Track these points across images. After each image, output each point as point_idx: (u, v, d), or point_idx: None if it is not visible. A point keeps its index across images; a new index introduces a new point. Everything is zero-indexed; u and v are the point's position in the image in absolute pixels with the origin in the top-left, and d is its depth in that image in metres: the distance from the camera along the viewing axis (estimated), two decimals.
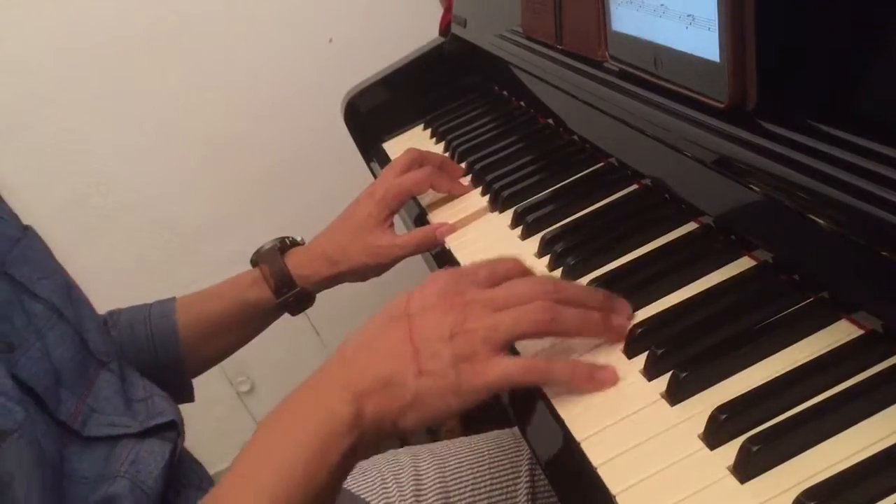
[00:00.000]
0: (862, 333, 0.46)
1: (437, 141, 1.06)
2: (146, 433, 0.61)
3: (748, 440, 0.41)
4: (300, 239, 0.88)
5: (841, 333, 0.47)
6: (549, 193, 0.77)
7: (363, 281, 0.85)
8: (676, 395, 0.47)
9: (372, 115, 1.17)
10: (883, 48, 0.44)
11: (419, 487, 0.78)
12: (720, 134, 0.53)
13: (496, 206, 0.80)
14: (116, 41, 1.48)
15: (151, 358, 0.79)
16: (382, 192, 0.82)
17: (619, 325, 0.54)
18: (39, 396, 0.54)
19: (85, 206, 1.56)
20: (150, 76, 1.52)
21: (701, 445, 0.44)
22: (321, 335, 1.74)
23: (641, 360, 0.51)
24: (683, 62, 0.57)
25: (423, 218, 0.87)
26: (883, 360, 0.44)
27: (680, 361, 0.49)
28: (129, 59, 1.50)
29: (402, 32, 1.34)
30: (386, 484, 0.79)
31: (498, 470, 0.80)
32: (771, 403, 0.44)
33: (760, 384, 0.45)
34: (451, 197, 0.87)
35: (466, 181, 0.88)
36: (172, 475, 0.61)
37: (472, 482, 0.79)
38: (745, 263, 0.56)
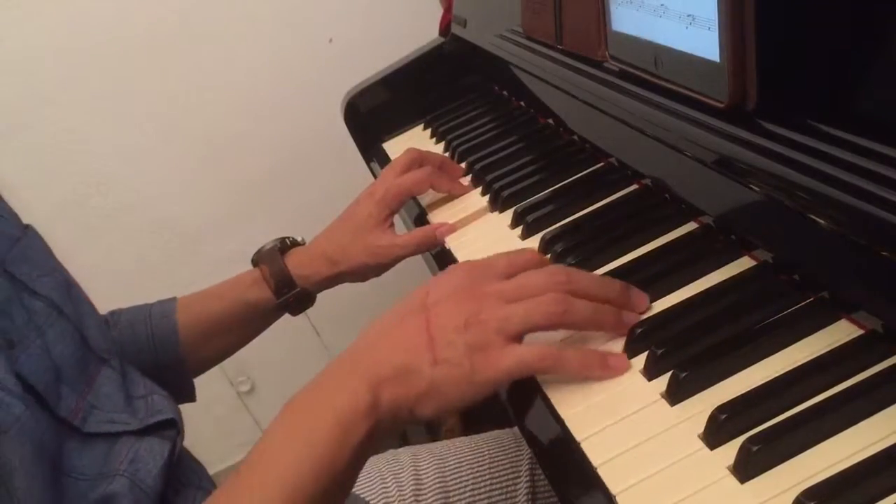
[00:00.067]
0: (862, 333, 0.46)
1: (437, 141, 1.06)
2: (146, 431, 0.61)
3: (748, 440, 0.41)
4: (300, 239, 0.88)
5: (841, 333, 0.47)
6: (549, 193, 0.77)
7: (363, 281, 0.85)
8: (676, 395, 0.47)
9: (372, 115, 1.17)
10: (883, 48, 0.44)
11: (419, 487, 0.78)
12: (720, 134, 0.53)
13: (496, 206, 0.80)
14: (116, 41, 1.48)
15: (152, 358, 0.79)
16: (382, 192, 0.82)
17: (631, 320, 0.54)
18: (40, 393, 0.54)
19: (85, 206, 1.56)
20: (150, 76, 1.52)
21: (701, 445, 0.44)
22: (321, 336, 1.74)
23: (641, 360, 0.51)
24: (683, 62, 0.57)
25: (423, 218, 0.87)
26: (883, 360, 0.44)
27: (680, 361, 0.49)
28: (129, 59, 1.50)
29: (402, 32, 1.34)
30: (385, 483, 0.79)
31: (498, 470, 0.80)
32: (771, 403, 0.44)
33: (760, 384, 0.45)
34: (451, 197, 0.87)
35: (466, 181, 0.88)
36: (172, 474, 0.61)
37: (471, 482, 0.79)
38: (745, 263, 0.56)
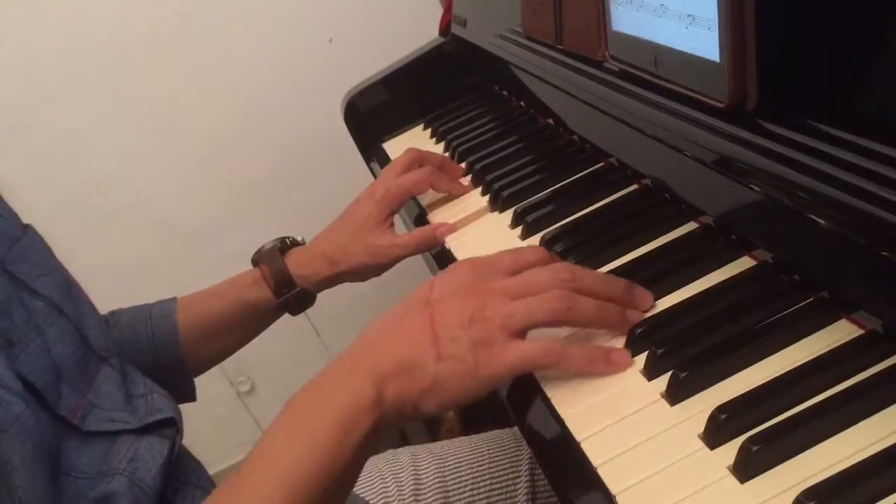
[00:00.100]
0: (862, 333, 0.46)
1: (437, 141, 1.06)
2: (145, 430, 0.61)
3: (748, 440, 0.41)
4: (301, 239, 0.88)
5: (841, 333, 0.47)
6: (549, 193, 0.77)
7: (363, 281, 0.85)
8: (676, 395, 0.47)
9: (372, 115, 1.17)
10: (883, 48, 0.44)
11: (418, 487, 0.78)
12: (720, 134, 0.53)
13: (496, 206, 0.80)
14: (116, 41, 1.48)
15: (152, 358, 0.79)
16: (382, 192, 0.82)
17: (634, 319, 0.54)
18: (40, 392, 0.54)
19: (85, 205, 1.56)
20: (150, 76, 1.52)
21: (701, 445, 0.44)
22: (321, 335, 1.74)
23: (641, 360, 0.51)
24: (683, 62, 0.57)
25: (423, 218, 0.87)
26: (883, 360, 0.44)
27: (680, 361, 0.49)
28: (129, 59, 1.50)
29: (402, 32, 1.34)
30: (385, 483, 0.79)
31: (497, 469, 0.80)
32: (771, 403, 0.44)
33: (760, 384, 0.45)
34: (451, 197, 0.87)
35: (466, 181, 0.88)
36: (171, 473, 0.61)
37: (471, 482, 0.79)
38: (745, 263, 0.56)
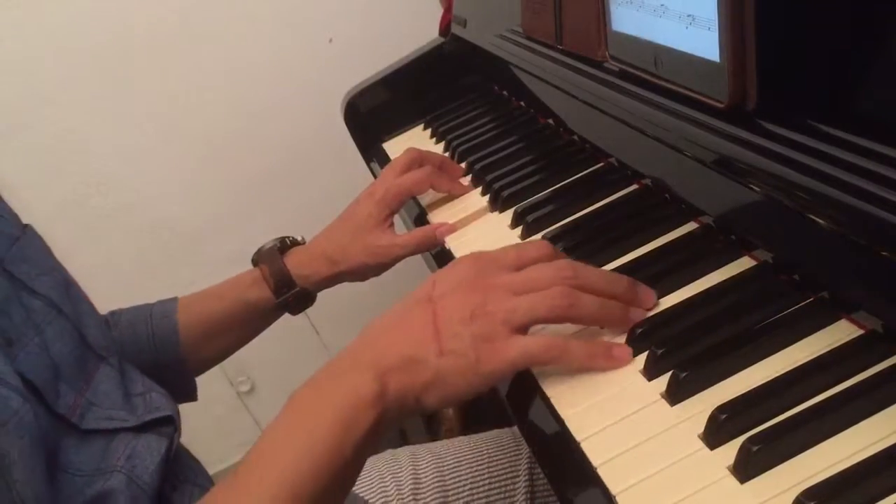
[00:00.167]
0: (862, 333, 0.46)
1: (437, 141, 1.06)
2: (143, 428, 0.61)
3: (748, 440, 0.41)
4: (301, 238, 0.88)
5: (841, 333, 0.47)
6: (549, 193, 0.77)
7: (363, 280, 0.85)
8: (676, 395, 0.47)
9: (372, 115, 1.17)
10: (883, 48, 0.44)
11: (417, 486, 0.78)
12: (720, 134, 0.53)
13: (496, 206, 0.80)
14: (116, 41, 1.48)
15: (152, 358, 0.79)
16: (382, 191, 0.82)
17: (637, 316, 0.54)
18: (38, 390, 0.55)
19: (85, 205, 1.56)
20: (150, 76, 1.52)
21: (701, 445, 0.44)
22: (321, 335, 1.74)
23: (641, 360, 0.51)
24: (683, 62, 0.57)
25: (423, 218, 0.87)
26: (883, 360, 0.44)
27: (680, 361, 0.49)
28: (129, 59, 1.50)
29: (402, 32, 1.34)
30: (384, 482, 0.79)
31: (496, 469, 0.80)
32: (771, 403, 0.44)
33: (760, 384, 0.45)
34: (451, 197, 0.87)
35: (466, 181, 0.88)
36: (169, 471, 0.62)
37: (470, 481, 0.79)
38: (745, 263, 0.56)
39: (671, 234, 0.63)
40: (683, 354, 0.50)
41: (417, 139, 1.10)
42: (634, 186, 0.72)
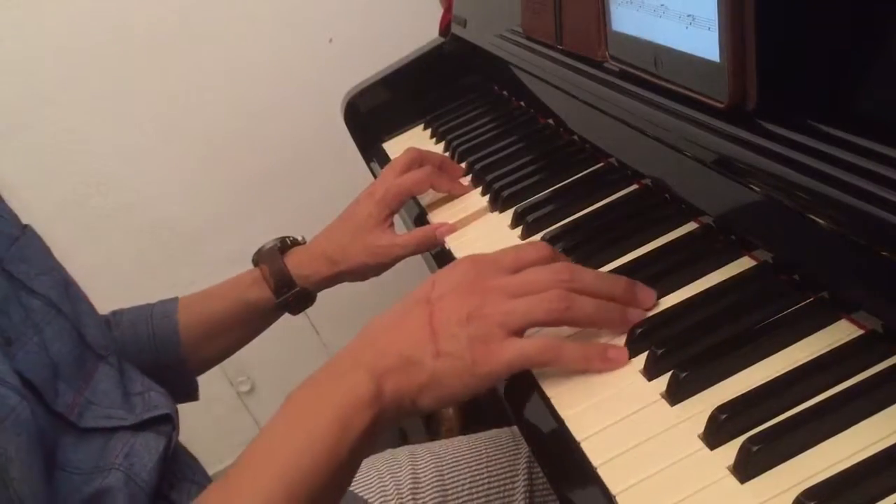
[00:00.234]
0: (862, 333, 0.46)
1: (437, 141, 1.06)
2: (141, 426, 0.61)
3: (748, 440, 0.41)
4: (301, 238, 0.88)
5: (841, 333, 0.47)
6: (549, 193, 0.77)
7: (363, 280, 0.85)
8: (676, 395, 0.47)
9: (372, 115, 1.17)
10: (883, 48, 0.44)
11: (416, 486, 0.78)
12: (720, 134, 0.53)
13: (496, 206, 0.80)
14: (116, 41, 1.48)
15: (153, 358, 0.79)
16: (382, 191, 0.82)
17: (635, 317, 0.54)
18: (37, 389, 0.55)
19: (85, 205, 1.56)
20: (150, 76, 1.52)
21: (701, 445, 0.44)
22: (321, 335, 1.74)
23: (641, 360, 0.51)
24: (683, 62, 0.57)
25: (423, 218, 0.87)
26: (883, 360, 0.44)
27: (680, 361, 0.49)
28: (129, 59, 1.50)
29: (402, 32, 1.34)
30: (384, 482, 0.79)
31: (495, 469, 0.80)
32: (771, 403, 0.44)
33: (760, 384, 0.45)
34: (451, 197, 0.87)
35: (466, 181, 0.88)
36: (167, 469, 0.62)
37: (469, 481, 0.79)
38: (745, 263, 0.56)
39: (671, 234, 0.63)
40: (683, 354, 0.50)
41: (417, 139, 1.10)
42: (634, 186, 0.72)
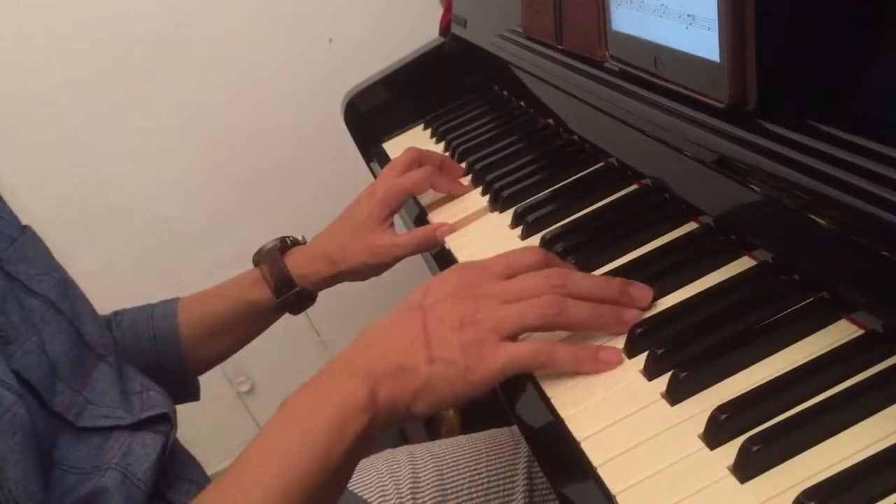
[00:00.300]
0: (862, 333, 0.46)
1: (437, 141, 1.06)
2: (139, 425, 0.61)
3: (748, 440, 0.41)
4: (301, 238, 0.88)
5: (841, 333, 0.47)
6: (549, 193, 0.77)
7: (363, 280, 0.85)
8: (676, 395, 0.47)
9: (372, 115, 1.17)
10: (883, 48, 0.44)
11: (416, 485, 0.78)
12: (720, 134, 0.53)
13: (496, 205, 0.80)
14: (116, 41, 1.48)
15: (154, 358, 0.79)
16: (383, 191, 0.82)
17: (631, 318, 0.54)
18: (34, 388, 0.55)
19: (85, 205, 1.56)
20: (150, 76, 1.52)
21: (701, 445, 0.44)
22: (321, 335, 1.74)
23: (641, 360, 0.51)
24: (683, 62, 0.57)
25: (423, 218, 0.87)
26: (883, 360, 0.44)
27: (680, 361, 0.49)
28: (128, 58, 1.50)
29: (402, 32, 1.34)
30: (383, 482, 0.79)
31: (495, 468, 0.80)
32: (771, 403, 0.44)
33: (760, 384, 0.45)
34: (451, 197, 0.87)
35: (466, 181, 0.88)
36: (165, 468, 0.62)
37: (469, 480, 0.79)
38: (745, 263, 0.56)
39: (671, 234, 0.63)
40: (683, 354, 0.50)
41: (417, 139, 1.10)
42: (634, 186, 0.72)
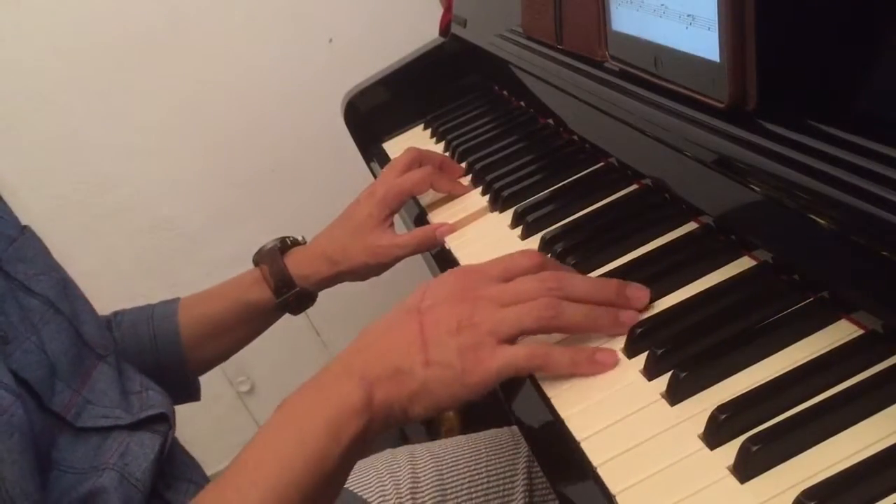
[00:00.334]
0: (862, 333, 0.46)
1: (437, 141, 1.06)
2: (137, 425, 0.61)
3: (748, 440, 0.41)
4: (301, 238, 0.88)
5: (841, 333, 0.47)
6: (549, 193, 0.77)
7: (363, 280, 0.85)
8: (676, 395, 0.47)
9: (372, 115, 1.17)
10: (883, 48, 0.44)
11: (416, 485, 0.78)
12: (720, 134, 0.53)
13: (496, 205, 0.80)
14: (116, 41, 1.48)
15: (154, 359, 0.79)
16: (383, 192, 0.82)
17: (628, 319, 0.54)
18: (33, 388, 0.55)
19: (85, 205, 1.56)
20: (150, 76, 1.52)
21: (701, 445, 0.44)
22: (321, 335, 1.74)
23: (641, 360, 0.51)
24: (683, 62, 0.57)
25: (423, 218, 0.87)
26: (883, 360, 0.44)
27: (680, 361, 0.49)
28: (128, 59, 1.50)
29: (402, 32, 1.34)
30: (383, 481, 0.79)
31: (495, 468, 0.80)
32: (771, 403, 0.44)
33: (760, 384, 0.45)
34: (451, 197, 0.87)
35: (466, 181, 0.88)
36: (163, 468, 0.62)
37: (468, 481, 0.79)
38: (745, 263, 0.56)
39: (671, 234, 0.63)
40: (683, 354, 0.50)
41: (417, 139, 1.10)
42: (634, 186, 0.72)
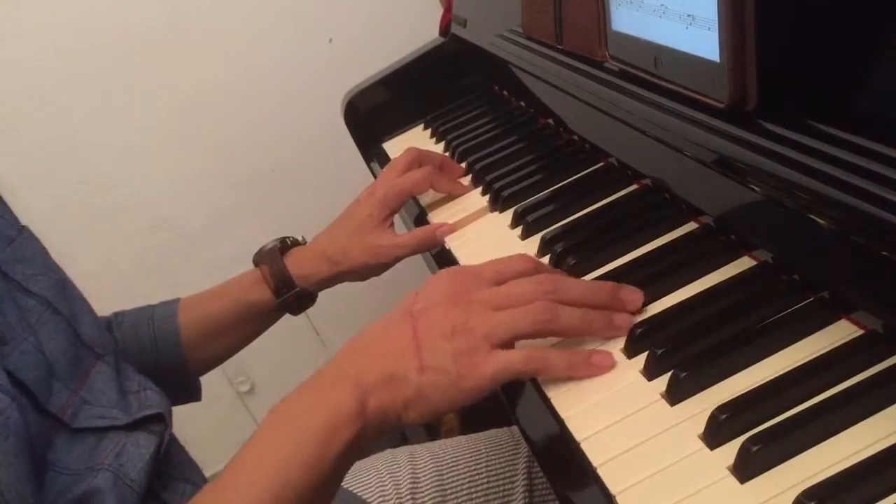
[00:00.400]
0: (862, 333, 0.46)
1: (437, 141, 1.06)
2: (134, 426, 0.61)
3: (748, 440, 0.41)
4: (301, 238, 0.88)
5: (841, 333, 0.47)
6: (549, 193, 0.77)
7: (363, 280, 0.85)
8: (676, 395, 0.47)
9: (372, 115, 1.17)
10: (883, 48, 0.44)
11: (415, 486, 0.78)
12: (720, 134, 0.53)
13: (496, 205, 0.80)
14: (116, 41, 1.48)
15: (154, 359, 0.79)
16: (383, 192, 0.82)
17: (622, 322, 0.54)
18: (29, 389, 0.55)
19: (85, 205, 1.56)
20: (150, 76, 1.52)
21: (701, 445, 0.44)
22: (321, 335, 1.74)
23: (641, 360, 0.51)
24: (683, 62, 0.57)
25: (423, 218, 0.87)
26: (883, 360, 0.44)
27: (680, 361, 0.49)
28: (128, 59, 1.50)
29: (402, 32, 1.34)
30: (383, 482, 0.79)
31: (495, 469, 0.80)
32: (771, 403, 0.44)
33: (760, 384, 0.45)
34: (451, 197, 0.87)
35: (466, 181, 0.88)
36: (160, 468, 0.62)
37: (468, 481, 0.79)
38: (745, 263, 0.56)
39: (671, 234, 0.63)
40: (683, 354, 0.50)
41: (417, 139, 1.10)
42: (634, 186, 0.72)
